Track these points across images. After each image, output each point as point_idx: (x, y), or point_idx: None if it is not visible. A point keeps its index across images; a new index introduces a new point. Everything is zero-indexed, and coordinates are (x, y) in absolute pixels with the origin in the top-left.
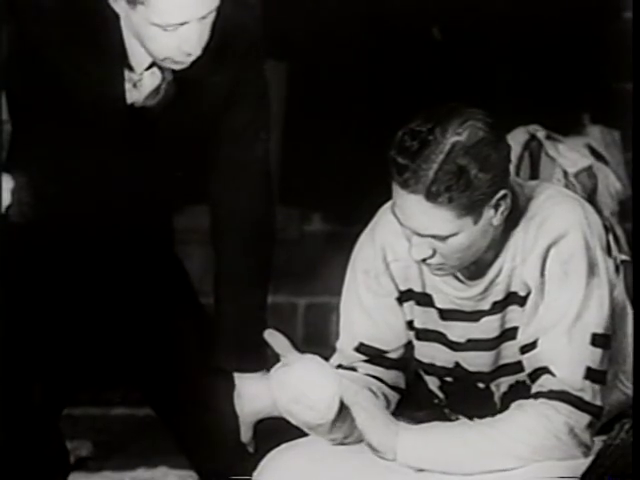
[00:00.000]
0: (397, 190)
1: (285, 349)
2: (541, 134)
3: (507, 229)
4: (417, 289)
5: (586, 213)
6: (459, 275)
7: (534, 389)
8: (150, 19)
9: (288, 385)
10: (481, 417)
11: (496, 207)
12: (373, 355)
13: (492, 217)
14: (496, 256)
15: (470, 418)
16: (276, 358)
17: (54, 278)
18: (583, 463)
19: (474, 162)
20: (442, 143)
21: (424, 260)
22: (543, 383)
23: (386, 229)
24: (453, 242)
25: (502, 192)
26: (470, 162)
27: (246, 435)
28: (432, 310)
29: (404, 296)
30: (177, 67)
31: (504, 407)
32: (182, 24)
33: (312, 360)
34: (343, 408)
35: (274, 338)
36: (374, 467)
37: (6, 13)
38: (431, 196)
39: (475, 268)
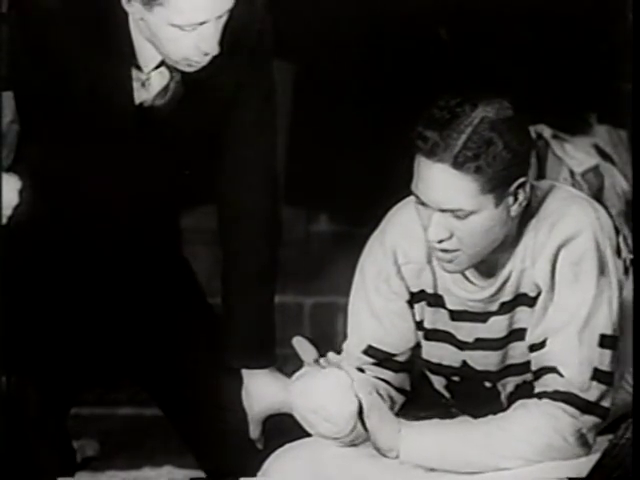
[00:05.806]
0: (422, 162)
1: (311, 357)
2: (548, 133)
3: (519, 229)
4: (429, 290)
5: (598, 214)
6: (471, 277)
7: (538, 388)
8: (169, 20)
9: (309, 395)
10: (487, 416)
11: (515, 195)
12: (381, 358)
13: (511, 205)
14: (508, 258)
15: (476, 417)
16: (282, 356)
17: (61, 278)
18: (587, 462)
19: (501, 138)
20: (471, 116)
21: (440, 242)
22: (548, 383)
23: (396, 232)
24: (472, 223)
25: (522, 179)
26: (497, 137)
27: (255, 432)
28: (443, 311)
29: (415, 298)
30: (191, 69)
31: (510, 406)
32: (201, 23)
33: (336, 374)
34: (357, 421)
35: (301, 345)
36: (379, 467)
37: (13, 13)
38: (458, 164)
39: (487, 269)
